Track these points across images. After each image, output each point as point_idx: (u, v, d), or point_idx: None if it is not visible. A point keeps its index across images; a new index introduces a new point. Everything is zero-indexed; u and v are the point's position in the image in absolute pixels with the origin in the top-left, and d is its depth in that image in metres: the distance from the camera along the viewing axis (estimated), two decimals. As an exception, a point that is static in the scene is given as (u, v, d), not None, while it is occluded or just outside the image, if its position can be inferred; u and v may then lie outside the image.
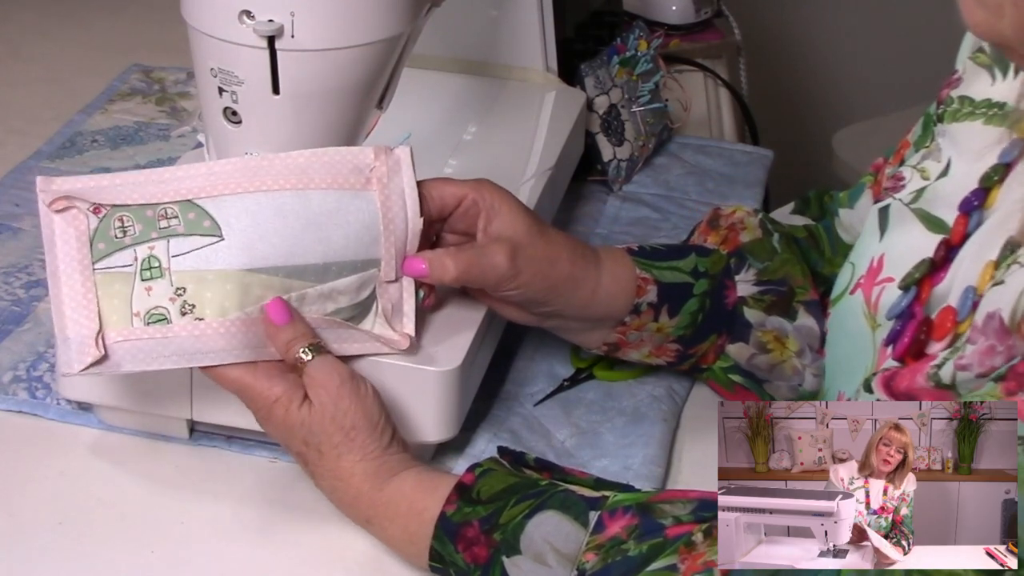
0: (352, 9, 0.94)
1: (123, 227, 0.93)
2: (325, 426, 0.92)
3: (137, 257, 0.93)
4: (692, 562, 0.80)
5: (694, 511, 0.84)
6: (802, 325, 1.06)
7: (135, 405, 1.02)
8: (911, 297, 0.90)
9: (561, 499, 0.87)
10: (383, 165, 0.96)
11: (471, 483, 0.89)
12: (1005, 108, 0.91)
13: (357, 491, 0.92)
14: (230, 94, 0.96)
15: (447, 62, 1.37)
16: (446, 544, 0.88)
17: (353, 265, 0.96)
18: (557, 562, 0.84)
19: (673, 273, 1.05)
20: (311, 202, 0.95)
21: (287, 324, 0.93)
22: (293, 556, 0.95)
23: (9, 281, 1.21)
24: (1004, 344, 0.80)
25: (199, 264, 0.93)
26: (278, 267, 0.94)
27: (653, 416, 1.09)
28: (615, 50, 1.42)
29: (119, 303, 0.92)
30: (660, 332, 1.05)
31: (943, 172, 0.95)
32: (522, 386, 1.13)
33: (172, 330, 0.92)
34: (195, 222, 0.93)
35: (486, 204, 0.99)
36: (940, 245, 0.90)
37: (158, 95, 1.53)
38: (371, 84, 0.98)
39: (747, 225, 1.09)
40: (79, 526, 0.97)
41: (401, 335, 0.97)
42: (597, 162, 1.39)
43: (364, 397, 0.93)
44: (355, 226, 0.96)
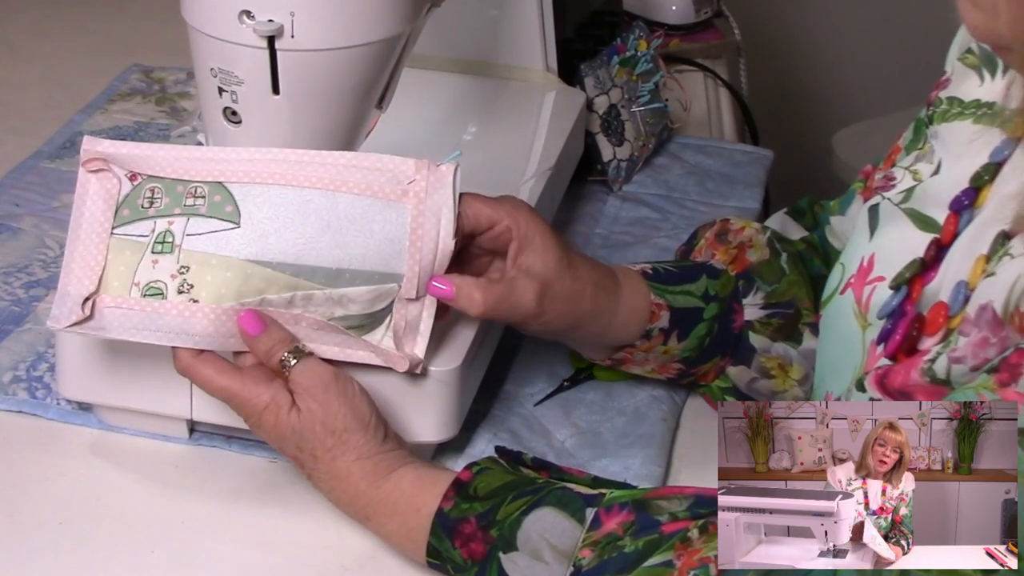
0: (352, 9, 0.94)
1: (151, 198, 0.94)
2: (316, 431, 0.92)
3: (155, 229, 0.94)
4: (688, 558, 0.81)
5: (690, 507, 0.84)
6: (807, 349, 1.06)
7: (135, 405, 1.02)
8: (902, 296, 0.90)
9: (558, 496, 0.87)
10: (423, 180, 0.95)
11: (468, 480, 0.89)
12: (994, 108, 0.92)
13: (355, 490, 0.92)
14: (230, 94, 0.96)
15: (447, 62, 1.37)
16: (443, 540, 0.88)
17: (370, 276, 0.95)
18: (553, 558, 0.85)
19: (686, 298, 1.04)
20: (338, 205, 0.94)
21: (263, 333, 0.93)
22: (293, 556, 0.95)
23: (9, 281, 1.21)
24: (997, 336, 0.80)
25: (208, 247, 0.93)
26: (287, 264, 0.94)
27: (653, 416, 1.09)
28: (615, 50, 1.42)
29: (124, 270, 0.93)
30: (667, 354, 1.06)
31: (935, 173, 0.95)
32: (522, 386, 1.13)
33: (164, 307, 0.92)
34: (218, 205, 0.94)
35: (520, 233, 0.98)
36: (931, 245, 0.90)
37: (158, 95, 1.53)
38: (371, 84, 0.98)
39: (755, 244, 1.09)
40: (79, 526, 0.97)
41: (404, 356, 0.96)
42: (597, 162, 1.39)
43: (352, 397, 0.92)
44: (378, 237, 0.95)
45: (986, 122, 0.92)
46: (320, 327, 0.95)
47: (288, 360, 0.93)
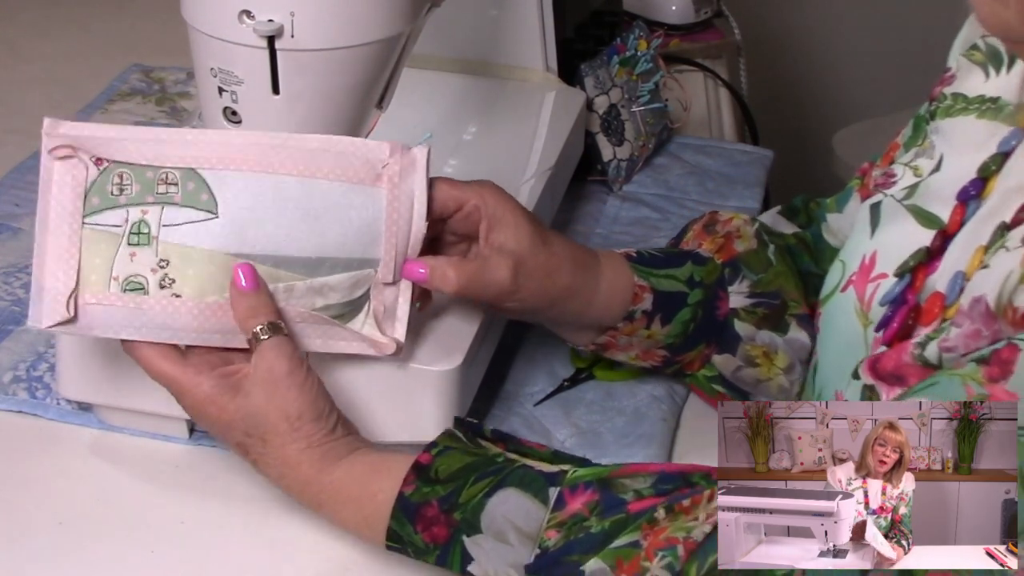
0: (352, 9, 0.94)
1: (121, 184, 0.91)
2: (270, 416, 0.90)
3: (128, 219, 0.91)
4: (655, 538, 0.81)
5: (654, 484, 0.84)
6: (793, 339, 1.06)
7: (135, 405, 1.02)
8: (904, 284, 0.90)
9: (520, 476, 0.87)
10: (397, 163, 0.95)
11: (428, 463, 0.89)
12: (999, 103, 0.92)
13: (305, 477, 0.91)
14: (230, 94, 0.96)
15: (447, 62, 1.37)
16: (404, 525, 0.88)
17: (348, 263, 0.95)
18: (518, 540, 0.85)
19: (670, 281, 1.05)
20: (314, 193, 0.93)
21: (253, 291, 0.91)
22: (293, 556, 0.95)
23: (9, 281, 1.21)
24: (990, 329, 0.80)
25: (187, 239, 0.91)
26: (267, 255, 0.93)
27: (653, 416, 1.09)
28: (615, 50, 1.42)
29: (100, 263, 0.91)
30: (651, 339, 1.05)
31: (935, 168, 0.95)
32: (522, 386, 1.13)
33: (147, 302, 0.91)
34: (193, 194, 0.92)
35: (488, 211, 0.98)
36: (937, 235, 0.90)
37: (158, 95, 1.53)
38: (371, 84, 0.98)
39: (743, 234, 1.09)
40: (79, 526, 0.97)
41: (389, 340, 0.96)
42: (597, 162, 1.39)
43: (311, 388, 0.91)
44: (356, 223, 0.94)
45: (990, 117, 0.92)
46: (303, 319, 0.94)
47: (263, 332, 0.91)
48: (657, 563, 0.80)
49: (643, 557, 0.80)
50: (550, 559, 0.83)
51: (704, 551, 0.79)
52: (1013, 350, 0.75)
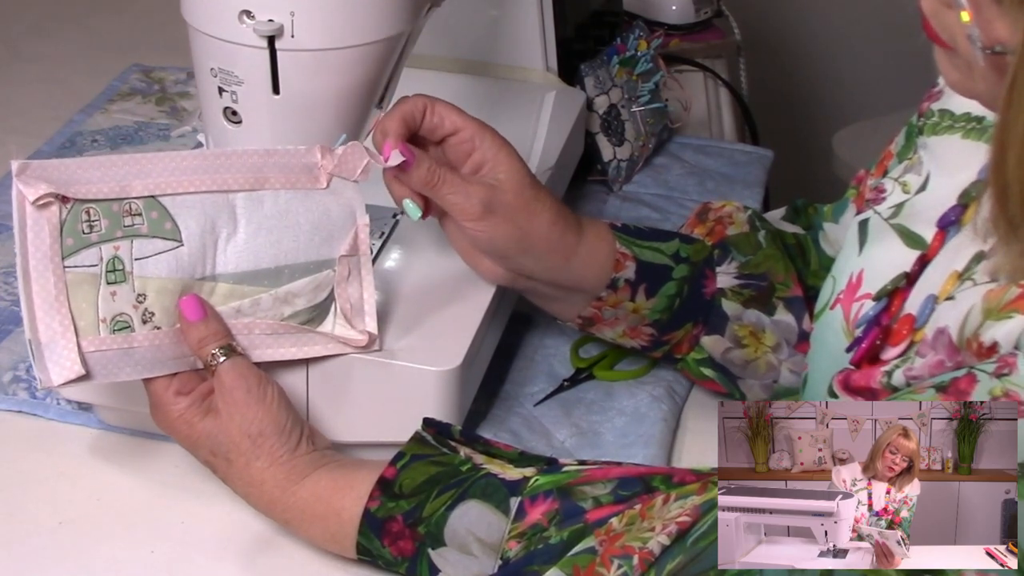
0: (352, 9, 0.94)
1: (90, 221, 0.92)
2: (232, 435, 0.92)
3: (103, 257, 0.92)
4: (610, 544, 0.82)
5: (613, 491, 0.85)
6: (780, 320, 1.07)
7: (135, 405, 1.02)
8: (880, 307, 0.91)
9: (482, 487, 0.88)
10: (330, 164, 0.97)
11: (393, 477, 0.90)
12: (983, 123, 0.92)
13: (270, 497, 0.93)
14: (230, 94, 0.96)
15: (447, 62, 1.37)
16: (372, 539, 0.89)
17: (306, 267, 0.97)
18: (482, 552, 0.86)
19: (654, 254, 1.05)
20: (263, 205, 0.96)
21: (200, 321, 0.94)
22: (293, 556, 0.95)
23: (9, 281, 1.21)
24: (953, 360, 0.81)
25: (159, 270, 0.93)
26: (229, 274, 0.95)
27: (653, 416, 1.09)
28: (615, 50, 1.42)
29: (87, 307, 0.91)
30: (636, 313, 1.05)
31: (922, 186, 0.95)
32: (522, 386, 1.13)
33: (136, 339, 0.92)
34: (157, 223, 0.93)
35: (485, 145, 1.00)
36: (917, 260, 0.91)
37: (158, 95, 1.53)
38: (371, 84, 0.99)
39: (735, 220, 1.10)
40: (79, 526, 0.97)
41: (362, 333, 0.98)
42: (597, 162, 1.39)
43: (271, 403, 0.93)
44: (305, 227, 0.97)
45: (975, 137, 0.92)
46: (274, 331, 0.96)
47: (217, 356, 0.93)
48: (614, 572, 0.80)
49: (599, 563, 0.81)
50: (512, 569, 0.85)
51: (659, 564, 0.80)
52: (971, 381, 0.76)
